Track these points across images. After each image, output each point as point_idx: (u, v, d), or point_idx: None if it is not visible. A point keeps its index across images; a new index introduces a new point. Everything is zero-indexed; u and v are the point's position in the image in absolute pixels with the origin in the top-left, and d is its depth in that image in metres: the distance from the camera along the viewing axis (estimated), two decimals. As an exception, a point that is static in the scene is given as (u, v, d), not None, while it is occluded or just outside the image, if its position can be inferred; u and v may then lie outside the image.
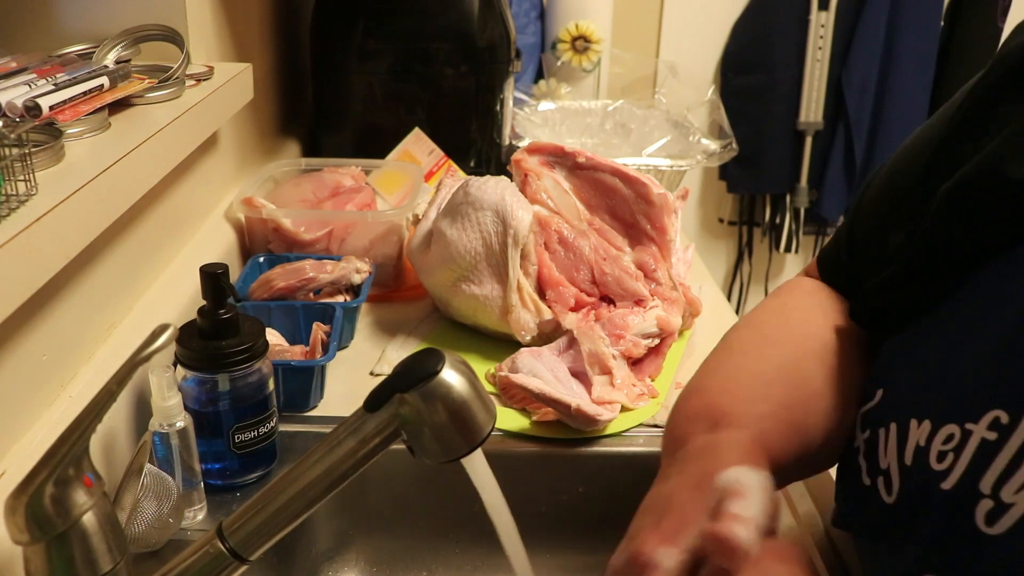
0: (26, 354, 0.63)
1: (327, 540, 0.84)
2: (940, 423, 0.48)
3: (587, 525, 0.86)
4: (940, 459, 0.47)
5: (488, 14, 1.33)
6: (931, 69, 2.14)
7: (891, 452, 0.51)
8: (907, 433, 0.50)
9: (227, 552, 0.53)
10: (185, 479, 0.70)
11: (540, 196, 1.00)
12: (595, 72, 1.91)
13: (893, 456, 0.51)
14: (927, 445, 0.48)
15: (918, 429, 0.49)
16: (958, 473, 0.45)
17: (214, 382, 0.73)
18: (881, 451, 0.52)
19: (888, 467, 0.51)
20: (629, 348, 0.90)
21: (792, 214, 2.30)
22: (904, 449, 0.50)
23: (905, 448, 0.50)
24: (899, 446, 0.50)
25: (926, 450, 0.48)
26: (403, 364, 0.53)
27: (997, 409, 0.44)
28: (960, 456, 0.46)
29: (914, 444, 0.49)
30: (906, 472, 0.49)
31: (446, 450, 0.53)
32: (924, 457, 0.48)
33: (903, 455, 0.50)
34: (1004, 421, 0.44)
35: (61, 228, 0.59)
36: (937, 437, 0.47)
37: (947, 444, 0.47)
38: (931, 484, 0.47)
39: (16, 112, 0.67)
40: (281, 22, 1.38)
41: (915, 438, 0.49)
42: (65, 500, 0.48)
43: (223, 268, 0.71)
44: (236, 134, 1.15)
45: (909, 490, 0.49)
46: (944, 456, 0.46)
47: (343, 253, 1.08)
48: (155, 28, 0.89)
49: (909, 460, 0.49)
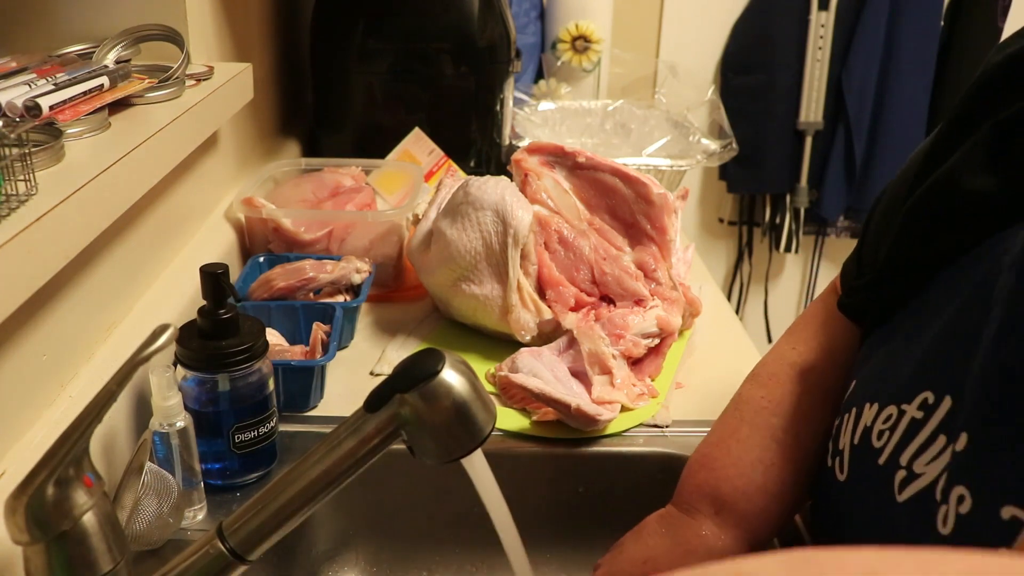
0: (26, 354, 0.63)
1: (327, 540, 0.84)
2: (884, 405, 0.52)
3: (587, 525, 0.86)
4: (879, 437, 0.52)
5: (488, 14, 1.33)
6: (931, 69, 2.14)
7: (847, 434, 0.56)
8: (860, 416, 0.55)
9: (227, 552, 0.53)
10: (185, 479, 0.70)
11: (540, 196, 1.00)
12: (595, 72, 1.91)
13: (848, 438, 0.56)
14: (871, 425, 0.53)
15: (868, 411, 0.54)
16: (889, 449, 0.50)
17: (214, 382, 0.73)
18: (841, 434, 0.57)
19: (843, 448, 0.56)
20: (629, 348, 0.90)
21: (792, 214, 2.30)
22: (856, 430, 0.55)
23: (856, 429, 0.54)
24: (853, 428, 0.55)
25: (870, 430, 0.53)
26: (403, 364, 0.53)
27: (927, 391, 0.49)
28: (893, 434, 0.50)
29: (863, 425, 0.54)
30: (854, 451, 0.55)
31: (446, 450, 0.53)
32: (868, 436, 0.53)
33: (854, 436, 0.55)
34: (931, 401, 0.48)
35: (61, 228, 0.59)
36: (879, 418, 0.52)
37: (886, 423, 0.51)
38: (870, 460, 0.52)
39: (16, 112, 0.67)
40: (281, 22, 1.38)
41: (864, 420, 0.54)
42: (65, 501, 0.48)
43: (223, 268, 0.71)
44: (236, 134, 1.15)
45: (854, 468, 0.55)
46: (882, 435, 0.51)
47: (343, 253, 1.08)
48: (155, 28, 0.89)
49: (857, 440, 0.54)
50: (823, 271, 2.44)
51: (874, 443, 0.52)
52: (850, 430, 0.55)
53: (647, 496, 0.84)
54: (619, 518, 0.86)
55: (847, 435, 0.56)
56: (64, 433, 0.48)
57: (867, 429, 0.53)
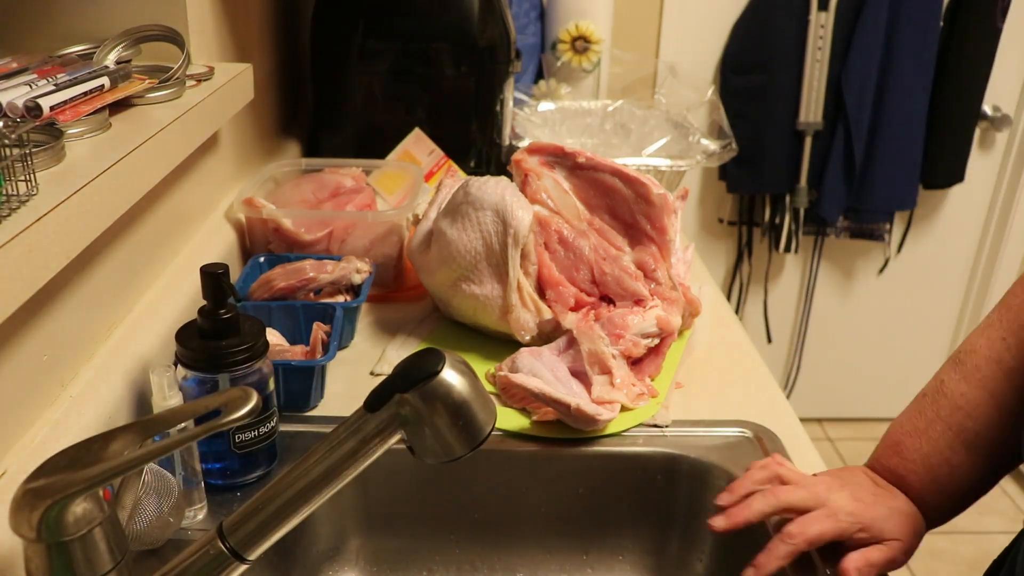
0: (26, 354, 0.64)
1: (327, 540, 0.84)
2: None
3: (587, 525, 0.86)
4: None
5: (488, 14, 1.33)
6: (931, 69, 2.14)
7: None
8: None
9: (227, 552, 0.53)
10: (186, 479, 0.70)
11: (540, 196, 1.00)
12: (595, 72, 1.91)
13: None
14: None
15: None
16: None
17: (214, 382, 0.73)
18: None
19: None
20: (629, 348, 0.90)
21: (792, 214, 2.29)
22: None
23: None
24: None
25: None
26: (403, 364, 0.53)
27: None
28: None
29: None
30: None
31: (446, 450, 0.53)
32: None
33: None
34: None
35: (61, 228, 0.59)
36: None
37: None
38: None
39: (17, 112, 0.67)
40: (281, 22, 1.38)
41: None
42: (87, 514, 0.48)
43: (223, 268, 0.71)
44: (236, 134, 1.15)
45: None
46: None
47: (343, 253, 1.08)
48: (155, 28, 0.89)
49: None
50: (823, 271, 2.44)
51: None
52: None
53: (647, 496, 0.85)
54: (619, 518, 0.86)
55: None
56: (119, 459, 0.47)
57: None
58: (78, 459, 0.48)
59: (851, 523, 0.67)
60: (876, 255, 2.43)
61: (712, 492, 0.81)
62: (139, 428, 0.49)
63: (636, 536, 0.86)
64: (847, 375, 2.56)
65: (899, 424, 0.73)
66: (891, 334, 2.53)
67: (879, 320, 2.50)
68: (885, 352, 2.55)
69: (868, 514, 0.67)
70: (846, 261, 2.44)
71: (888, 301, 2.48)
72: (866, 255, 2.44)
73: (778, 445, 0.84)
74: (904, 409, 0.74)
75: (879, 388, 2.58)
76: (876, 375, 2.57)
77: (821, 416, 2.65)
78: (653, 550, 0.86)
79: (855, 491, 0.69)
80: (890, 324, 2.52)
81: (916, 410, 0.72)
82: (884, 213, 2.30)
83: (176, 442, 0.48)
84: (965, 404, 0.68)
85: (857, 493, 0.69)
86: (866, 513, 0.67)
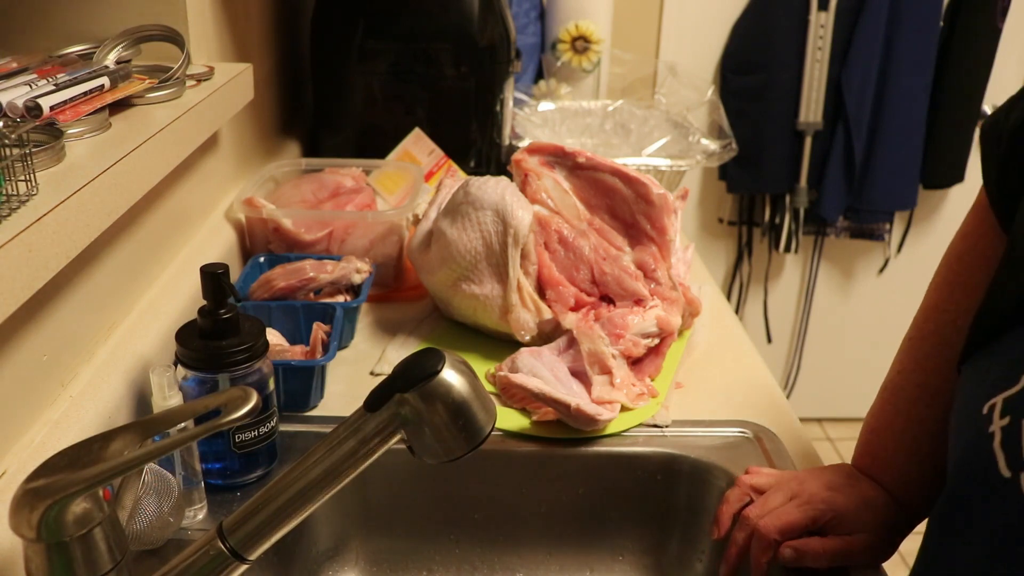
0: (26, 354, 0.64)
1: (327, 540, 0.84)
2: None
3: (587, 525, 0.86)
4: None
5: (488, 14, 1.33)
6: (930, 69, 2.14)
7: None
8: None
9: (227, 552, 0.53)
10: (186, 479, 0.70)
11: (540, 196, 1.00)
12: (595, 72, 1.91)
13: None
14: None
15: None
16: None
17: (214, 382, 0.73)
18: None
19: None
20: (629, 348, 0.90)
21: (792, 214, 2.30)
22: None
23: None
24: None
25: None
26: (403, 364, 0.53)
27: None
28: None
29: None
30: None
31: (446, 450, 0.53)
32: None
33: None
34: None
35: (62, 228, 0.59)
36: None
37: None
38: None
39: (17, 112, 0.67)
40: (281, 22, 1.38)
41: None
42: (87, 515, 0.48)
43: (223, 268, 0.71)
44: (236, 134, 1.15)
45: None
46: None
47: (343, 253, 1.08)
48: (155, 28, 0.89)
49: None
50: (823, 271, 2.44)
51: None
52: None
53: (647, 496, 0.85)
54: (619, 518, 0.86)
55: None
56: (119, 459, 0.47)
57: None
58: (78, 459, 0.48)
59: (823, 511, 0.68)
60: (876, 255, 2.43)
61: (712, 492, 0.81)
62: (139, 428, 0.49)
63: (636, 536, 0.86)
64: (847, 375, 2.56)
65: (867, 425, 0.75)
66: (891, 334, 2.52)
67: (879, 320, 2.50)
68: (885, 352, 2.53)
69: (840, 501, 0.69)
70: (846, 261, 2.45)
71: (888, 301, 2.48)
72: (866, 255, 2.44)
73: (778, 445, 0.84)
74: (870, 406, 0.76)
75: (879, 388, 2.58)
76: (876, 375, 2.55)
77: (821, 416, 2.65)
78: (653, 550, 0.86)
79: (831, 479, 0.72)
80: (890, 324, 2.51)
81: (878, 409, 0.74)
82: (884, 213, 2.30)
83: (176, 442, 0.48)
84: (923, 394, 0.69)
85: (833, 482, 0.71)
86: (837, 500, 0.69)
